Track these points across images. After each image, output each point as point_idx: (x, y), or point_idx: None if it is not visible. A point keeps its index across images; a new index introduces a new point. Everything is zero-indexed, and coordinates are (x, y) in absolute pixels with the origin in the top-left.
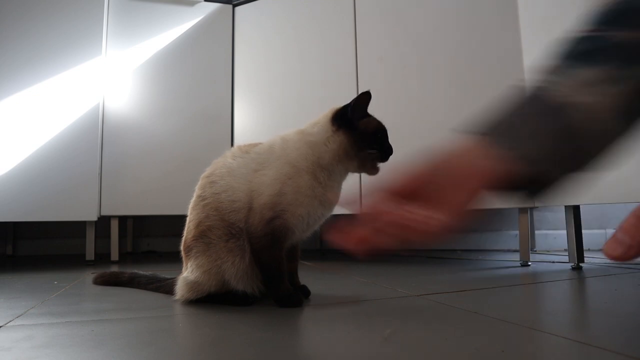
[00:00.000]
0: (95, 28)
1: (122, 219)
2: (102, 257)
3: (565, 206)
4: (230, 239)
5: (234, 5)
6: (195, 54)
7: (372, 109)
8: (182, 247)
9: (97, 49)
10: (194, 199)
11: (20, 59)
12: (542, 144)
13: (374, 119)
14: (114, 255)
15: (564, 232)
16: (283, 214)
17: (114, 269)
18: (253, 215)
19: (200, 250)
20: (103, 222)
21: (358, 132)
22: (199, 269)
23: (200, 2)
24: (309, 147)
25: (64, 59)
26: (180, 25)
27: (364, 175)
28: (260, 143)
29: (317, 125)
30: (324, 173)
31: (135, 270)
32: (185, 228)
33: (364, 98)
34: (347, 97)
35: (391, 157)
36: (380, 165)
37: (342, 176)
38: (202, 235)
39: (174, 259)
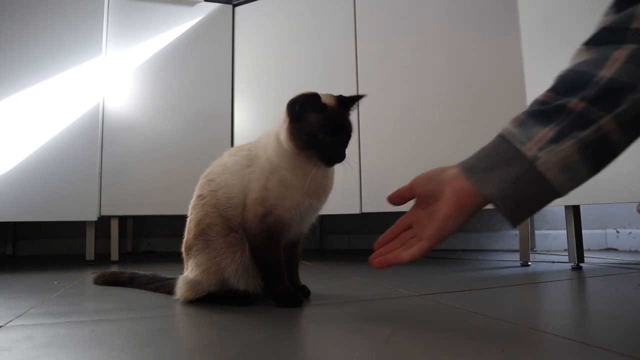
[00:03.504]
0: (95, 28)
1: (122, 219)
2: (102, 257)
3: (565, 206)
4: (230, 233)
5: (234, 5)
6: (195, 54)
7: (372, 109)
8: (183, 248)
9: (97, 49)
10: (193, 199)
11: (20, 59)
12: (503, 187)
13: (327, 116)
14: (114, 255)
15: (564, 232)
16: (274, 210)
17: (114, 269)
18: (247, 212)
19: (199, 248)
20: (103, 222)
21: (299, 126)
22: (198, 268)
23: (200, 2)
24: (276, 140)
25: (64, 59)
26: (180, 25)
27: (364, 173)
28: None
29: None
30: (297, 167)
31: (136, 270)
32: (186, 228)
33: (312, 97)
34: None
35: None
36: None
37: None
38: (202, 233)
39: (174, 259)
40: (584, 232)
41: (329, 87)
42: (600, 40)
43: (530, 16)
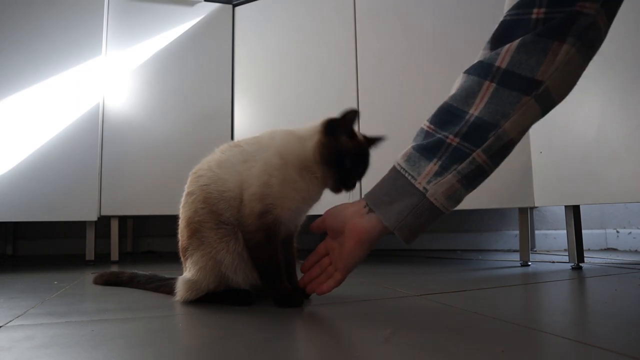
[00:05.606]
0: (95, 28)
1: (122, 219)
2: (102, 257)
3: (565, 206)
4: (221, 226)
5: (234, 5)
6: (195, 54)
7: (372, 109)
8: (179, 251)
9: (97, 49)
10: (183, 197)
11: (20, 58)
12: (401, 218)
13: (357, 144)
14: (114, 255)
15: (564, 232)
16: (273, 209)
17: (114, 269)
18: (244, 207)
19: (194, 247)
20: (103, 222)
21: (332, 143)
22: (195, 266)
23: (200, 2)
24: (298, 140)
25: (64, 59)
26: (180, 25)
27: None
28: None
29: (310, 125)
30: (306, 171)
31: (135, 271)
32: (179, 230)
33: (351, 115)
34: (346, 97)
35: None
36: None
37: (318, 179)
38: (195, 232)
39: (174, 259)
40: (584, 232)
41: (329, 87)
42: (476, 71)
43: None
